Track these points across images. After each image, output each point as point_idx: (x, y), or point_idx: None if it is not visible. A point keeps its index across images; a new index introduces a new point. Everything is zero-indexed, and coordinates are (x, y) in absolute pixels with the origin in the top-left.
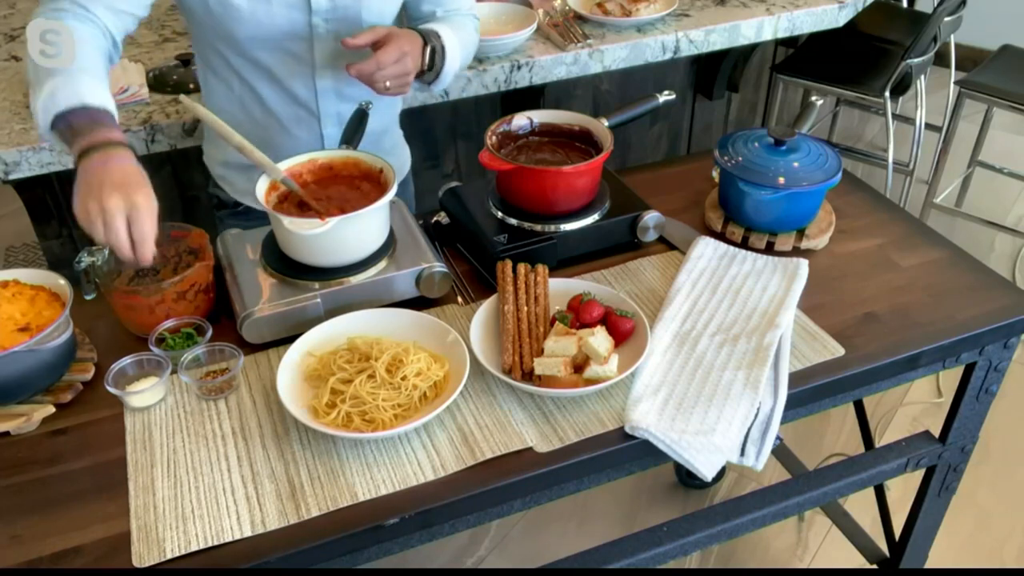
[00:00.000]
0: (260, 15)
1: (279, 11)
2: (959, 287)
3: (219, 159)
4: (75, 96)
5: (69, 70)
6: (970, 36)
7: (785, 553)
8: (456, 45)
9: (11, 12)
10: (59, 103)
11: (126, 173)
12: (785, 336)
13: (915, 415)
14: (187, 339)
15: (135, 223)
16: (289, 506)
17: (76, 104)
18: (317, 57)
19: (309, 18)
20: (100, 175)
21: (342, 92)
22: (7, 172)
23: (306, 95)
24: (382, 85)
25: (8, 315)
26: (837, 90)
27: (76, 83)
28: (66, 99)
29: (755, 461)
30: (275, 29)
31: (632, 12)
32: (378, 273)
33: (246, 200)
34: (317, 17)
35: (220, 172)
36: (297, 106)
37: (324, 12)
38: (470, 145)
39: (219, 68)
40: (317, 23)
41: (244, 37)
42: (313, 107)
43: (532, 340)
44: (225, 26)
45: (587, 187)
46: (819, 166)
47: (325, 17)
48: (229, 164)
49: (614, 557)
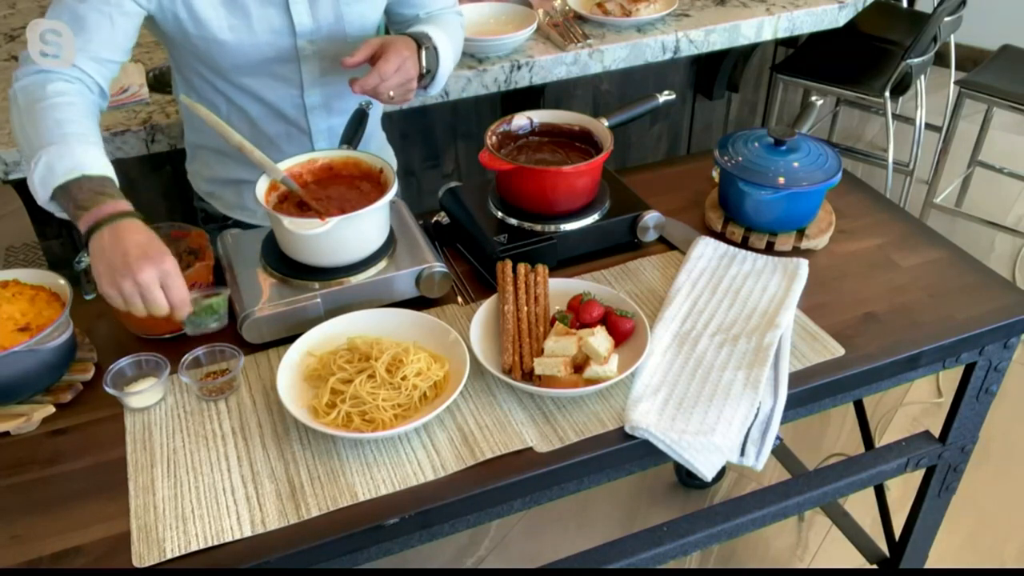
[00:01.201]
0: (245, 46)
1: (264, 39)
2: (959, 287)
3: (204, 176)
4: (74, 168)
5: (64, 138)
6: (970, 36)
7: (785, 553)
8: (447, 45)
9: (11, 12)
10: (57, 176)
11: (143, 244)
12: (785, 336)
13: (915, 415)
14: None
15: (170, 289)
16: (289, 506)
17: (76, 176)
18: (305, 77)
19: (294, 41)
20: (120, 252)
21: (331, 107)
22: (7, 172)
23: (295, 114)
24: (387, 96)
25: (8, 315)
26: (837, 90)
27: (73, 153)
28: (64, 172)
29: (755, 461)
30: (261, 56)
31: (632, 12)
32: (378, 273)
33: (235, 214)
34: (302, 40)
35: (207, 189)
36: (287, 124)
37: (309, 34)
38: (470, 145)
39: (204, 91)
40: (303, 45)
41: (230, 66)
42: (303, 124)
43: (532, 340)
44: (210, 57)
45: (587, 187)
46: (819, 166)
47: (310, 39)
48: (216, 180)
49: (614, 557)
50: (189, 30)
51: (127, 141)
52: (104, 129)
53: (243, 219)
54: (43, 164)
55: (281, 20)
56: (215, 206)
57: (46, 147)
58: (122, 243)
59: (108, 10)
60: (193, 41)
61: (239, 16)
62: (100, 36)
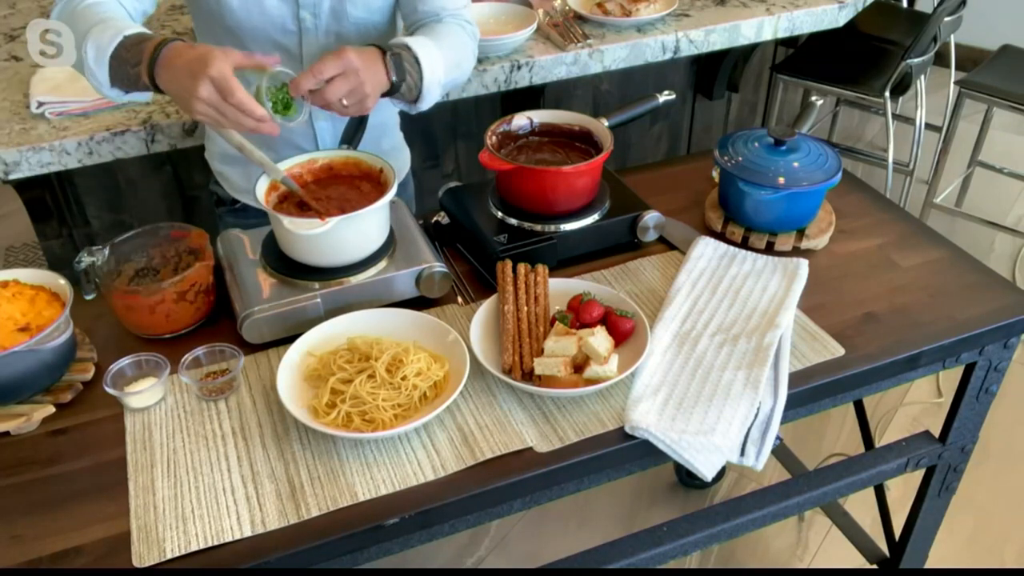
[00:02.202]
0: (250, 4)
1: (269, 3)
2: (959, 287)
3: (218, 152)
4: (115, 35)
5: (102, 20)
6: (970, 36)
7: (785, 553)
8: (434, 52)
9: (11, 12)
10: (104, 50)
11: (188, 64)
12: (785, 336)
13: (915, 415)
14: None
15: (229, 93)
16: (289, 506)
17: (118, 40)
18: (305, 53)
19: (296, 10)
20: (175, 84)
21: None
22: (7, 172)
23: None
24: (338, 105)
25: (8, 315)
26: (837, 90)
27: (110, 27)
28: (109, 41)
29: (755, 461)
30: (264, 19)
31: (632, 12)
32: (378, 273)
33: (242, 197)
34: (304, 11)
35: (219, 168)
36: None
37: (311, 6)
38: (470, 145)
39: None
40: (304, 16)
41: (235, 27)
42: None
43: (532, 340)
44: (218, 17)
45: (587, 187)
46: (819, 166)
47: (313, 11)
48: (227, 158)
49: (614, 557)
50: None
51: (127, 141)
52: (104, 129)
53: (250, 203)
54: (91, 47)
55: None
56: (225, 188)
57: (88, 32)
58: (172, 72)
59: None
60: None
61: None
62: None
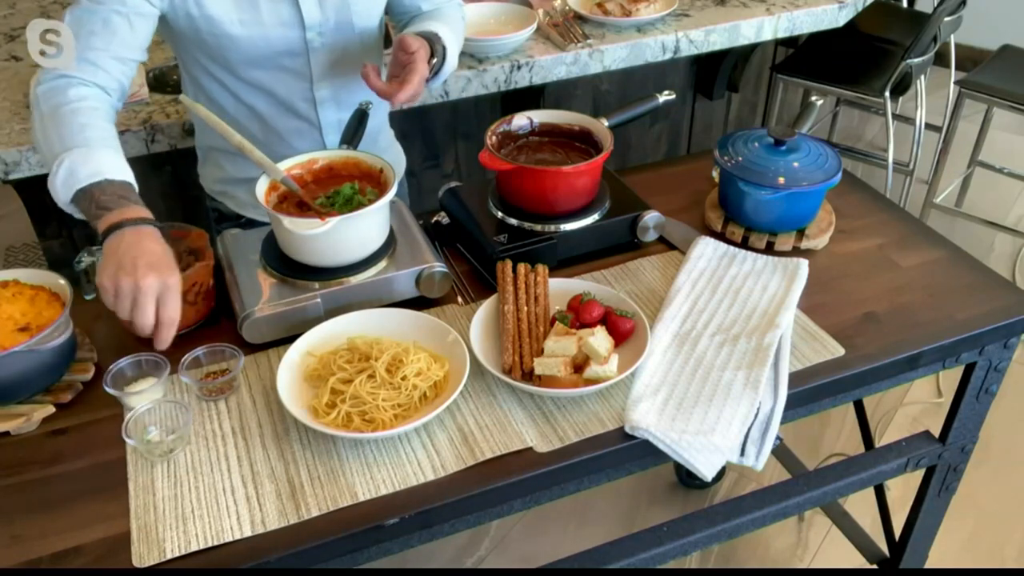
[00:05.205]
0: (256, 39)
1: (273, 32)
2: (959, 287)
3: (216, 177)
4: (97, 172)
5: (87, 142)
6: (970, 36)
7: (785, 553)
8: (453, 43)
9: (11, 12)
10: (80, 179)
11: (157, 254)
12: (785, 336)
13: (915, 415)
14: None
15: (165, 304)
16: (289, 506)
17: (98, 180)
18: (314, 69)
19: (303, 33)
20: (134, 253)
21: (341, 100)
22: (7, 172)
23: (305, 108)
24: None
25: (8, 315)
26: (837, 90)
27: (96, 158)
28: (87, 175)
29: (755, 461)
30: (271, 49)
31: (632, 12)
32: (378, 273)
33: (248, 213)
34: (311, 32)
35: (219, 189)
36: (298, 119)
37: (318, 26)
38: (470, 145)
39: (213, 91)
40: (312, 38)
41: (241, 61)
42: (313, 118)
43: (532, 340)
44: (221, 53)
45: (587, 187)
46: (819, 166)
47: (319, 31)
48: (228, 180)
49: (614, 557)
50: (200, 27)
51: (127, 141)
52: None
53: (255, 217)
54: (66, 167)
55: (290, 13)
56: (228, 205)
57: (69, 150)
58: (139, 246)
59: (125, 11)
60: (204, 38)
61: (249, 11)
62: (121, 37)
